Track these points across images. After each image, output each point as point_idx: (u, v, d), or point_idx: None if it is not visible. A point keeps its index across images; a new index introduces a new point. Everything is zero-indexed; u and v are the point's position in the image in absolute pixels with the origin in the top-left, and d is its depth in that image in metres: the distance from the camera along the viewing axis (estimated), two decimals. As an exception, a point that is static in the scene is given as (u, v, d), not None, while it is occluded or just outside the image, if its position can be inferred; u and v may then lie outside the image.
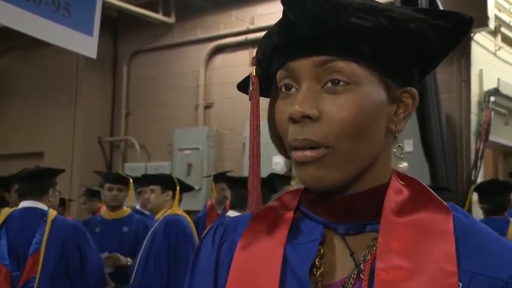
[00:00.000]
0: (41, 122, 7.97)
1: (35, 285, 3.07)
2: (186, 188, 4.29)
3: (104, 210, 4.55)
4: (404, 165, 0.84)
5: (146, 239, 3.97)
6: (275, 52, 0.82)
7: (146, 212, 5.08)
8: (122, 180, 4.47)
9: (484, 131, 5.76)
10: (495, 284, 0.75)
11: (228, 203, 5.04)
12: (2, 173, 4.39)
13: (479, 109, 5.89)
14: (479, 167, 5.69)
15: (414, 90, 0.83)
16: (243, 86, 0.91)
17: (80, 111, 7.73)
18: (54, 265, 3.15)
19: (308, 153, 0.77)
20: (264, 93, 0.86)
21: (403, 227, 0.78)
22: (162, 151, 7.41)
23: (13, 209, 3.30)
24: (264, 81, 0.85)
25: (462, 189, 5.65)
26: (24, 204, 3.29)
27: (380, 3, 0.79)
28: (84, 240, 3.35)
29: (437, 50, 0.82)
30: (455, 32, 0.81)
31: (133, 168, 7.30)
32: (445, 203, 0.81)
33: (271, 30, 0.83)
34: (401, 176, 0.85)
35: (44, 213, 3.25)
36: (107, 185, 4.40)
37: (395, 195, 0.81)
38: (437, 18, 0.78)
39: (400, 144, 0.83)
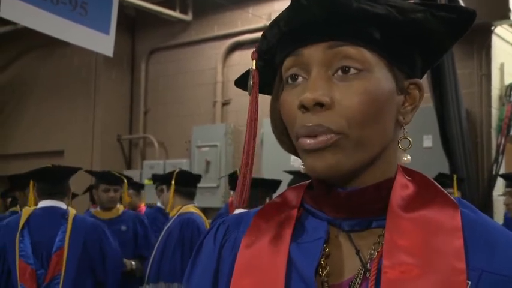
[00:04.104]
0: (61, 121, 8.05)
1: (61, 282, 3.12)
2: (193, 180, 4.24)
3: (96, 210, 4.44)
4: (407, 158, 0.81)
5: (160, 238, 3.98)
6: (281, 41, 0.81)
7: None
8: (117, 181, 4.39)
9: (506, 125, 5.67)
10: (505, 281, 0.73)
11: (230, 200, 5.05)
12: (23, 172, 4.43)
13: (500, 103, 5.81)
14: (501, 162, 5.61)
15: (420, 82, 0.82)
16: (241, 82, 0.90)
17: (98, 109, 7.79)
18: (77, 262, 3.20)
19: (320, 138, 0.74)
20: (262, 89, 0.85)
21: (410, 223, 0.76)
22: (180, 148, 7.44)
23: (33, 208, 3.34)
24: (264, 77, 0.84)
25: (483, 185, 5.58)
26: (44, 203, 3.33)
27: None
28: (104, 237, 3.40)
29: (442, 41, 0.81)
30: (460, 24, 0.80)
31: (152, 165, 7.34)
32: (452, 198, 0.79)
33: (278, 19, 0.81)
34: (406, 170, 0.83)
35: (64, 212, 3.30)
36: (103, 186, 4.30)
37: (402, 190, 0.79)
38: (441, 11, 0.78)
39: (408, 138, 0.81)
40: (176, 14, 7.41)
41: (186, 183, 4.09)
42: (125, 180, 4.52)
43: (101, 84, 7.81)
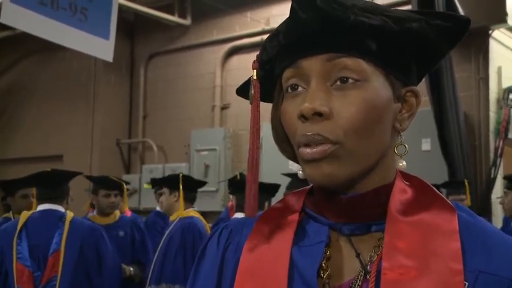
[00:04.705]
0: (60, 125, 8.06)
1: (57, 283, 3.14)
2: (196, 185, 4.25)
3: (93, 215, 4.43)
4: (403, 163, 0.84)
5: (161, 242, 3.98)
6: (280, 53, 0.83)
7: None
8: (117, 186, 4.40)
9: (503, 129, 5.69)
10: (501, 282, 0.75)
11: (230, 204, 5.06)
12: (23, 176, 4.42)
13: (497, 107, 5.83)
14: (499, 165, 5.63)
15: (417, 89, 0.84)
16: (242, 91, 0.92)
17: (98, 114, 7.80)
18: (74, 264, 3.22)
19: (317, 149, 0.77)
20: (263, 98, 0.87)
21: (409, 226, 0.79)
22: (179, 152, 7.45)
23: (31, 212, 3.36)
24: (265, 86, 0.86)
25: (481, 188, 5.60)
26: (42, 207, 3.36)
27: (380, 4, 0.81)
28: (101, 240, 3.41)
29: (439, 48, 0.83)
30: (455, 32, 0.82)
31: (151, 169, 7.35)
32: (449, 202, 0.82)
33: (277, 31, 0.83)
34: (405, 175, 0.85)
35: (62, 215, 3.33)
36: (103, 192, 4.31)
37: (400, 194, 0.81)
38: (436, 19, 0.80)
39: (405, 144, 0.84)
40: (175, 18, 7.43)
41: (190, 188, 4.10)
42: (124, 185, 4.52)
43: (100, 88, 7.83)
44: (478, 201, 5.42)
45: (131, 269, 4.17)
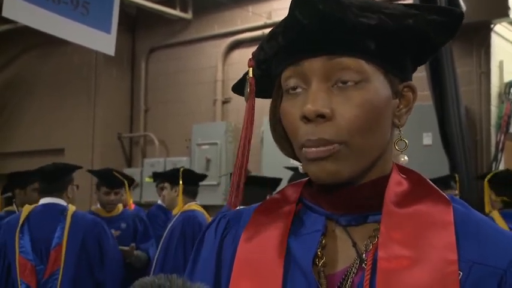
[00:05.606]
0: (61, 119, 8.06)
1: (59, 277, 3.16)
2: (197, 179, 4.25)
3: (97, 208, 4.49)
4: (405, 158, 0.86)
5: (163, 236, 4.00)
6: (279, 53, 0.83)
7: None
8: (118, 184, 4.41)
9: (505, 123, 5.69)
10: (494, 272, 0.76)
11: None
12: (25, 169, 4.43)
13: (499, 101, 5.82)
14: (500, 160, 5.63)
15: (413, 84, 0.85)
16: (237, 88, 0.92)
17: (99, 108, 7.80)
18: (76, 258, 3.23)
19: (322, 149, 0.78)
20: (259, 94, 0.87)
21: (404, 217, 0.80)
22: (180, 146, 7.46)
23: (34, 205, 3.37)
24: (261, 83, 0.86)
25: (482, 183, 5.60)
26: (43, 200, 3.37)
27: (375, 1, 0.81)
28: (103, 234, 3.43)
29: (434, 43, 0.84)
30: (451, 26, 0.83)
31: (153, 163, 7.36)
32: (444, 195, 0.83)
33: (275, 32, 0.83)
34: (401, 168, 0.86)
35: (63, 209, 3.34)
36: (103, 189, 4.35)
37: (396, 186, 0.83)
38: (431, 14, 0.80)
39: (405, 140, 0.85)
40: (176, 12, 7.42)
41: (191, 182, 4.11)
42: (126, 183, 4.53)
43: (102, 82, 7.83)
44: (479, 196, 5.41)
45: (139, 252, 4.18)
